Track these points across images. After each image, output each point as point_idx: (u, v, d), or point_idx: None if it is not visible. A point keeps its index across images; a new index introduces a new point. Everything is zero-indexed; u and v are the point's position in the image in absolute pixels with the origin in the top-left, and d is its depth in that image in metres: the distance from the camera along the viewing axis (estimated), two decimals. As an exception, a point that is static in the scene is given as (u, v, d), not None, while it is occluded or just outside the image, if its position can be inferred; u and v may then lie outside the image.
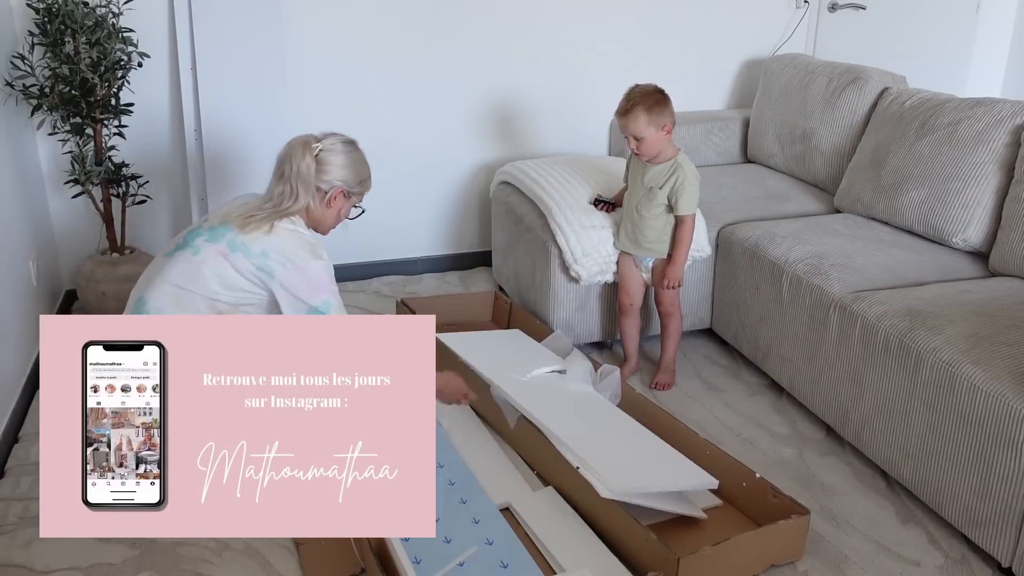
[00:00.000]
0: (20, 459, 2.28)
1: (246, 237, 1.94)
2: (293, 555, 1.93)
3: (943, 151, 2.61)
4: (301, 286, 1.94)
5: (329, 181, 2.02)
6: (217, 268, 1.93)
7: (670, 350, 2.72)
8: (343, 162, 2.04)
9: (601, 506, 1.92)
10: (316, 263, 1.95)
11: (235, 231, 1.95)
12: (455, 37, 3.39)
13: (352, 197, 2.11)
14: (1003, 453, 1.83)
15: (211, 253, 1.93)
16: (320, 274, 1.96)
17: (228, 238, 1.94)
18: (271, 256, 1.93)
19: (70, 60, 2.69)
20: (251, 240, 1.94)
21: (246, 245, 1.94)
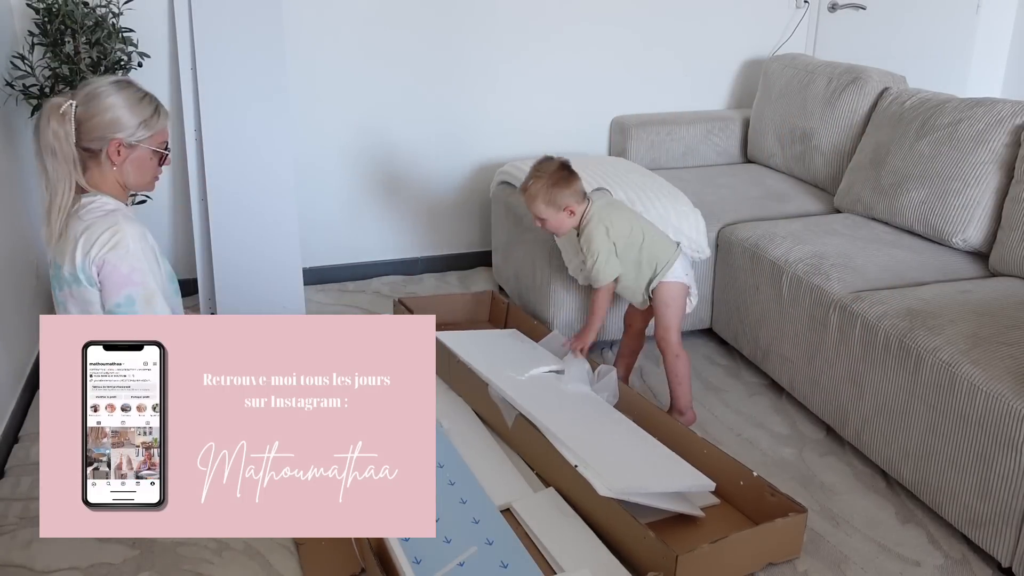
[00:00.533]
0: (20, 459, 2.28)
1: (65, 263, 1.75)
2: (293, 555, 1.93)
3: (943, 151, 2.61)
4: (106, 285, 1.76)
5: (100, 137, 1.75)
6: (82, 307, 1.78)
7: (675, 391, 2.49)
8: (109, 105, 1.75)
9: (600, 505, 1.93)
10: (112, 254, 1.74)
11: (58, 264, 1.77)
12: (455, 37, 3.39)
13: (140, 146, 1.81)
14: (1003, 453, 1.83)
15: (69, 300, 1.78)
16: (117, 267, 1.74)
17: (61, 276, 1.77)
18: (82, 270, 1.74)
19: (70, 60, 2.69)
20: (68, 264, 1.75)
21: (71, 273, 1.75)
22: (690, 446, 2.19)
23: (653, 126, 3.55)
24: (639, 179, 2.94)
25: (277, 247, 3.08)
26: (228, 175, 3.10)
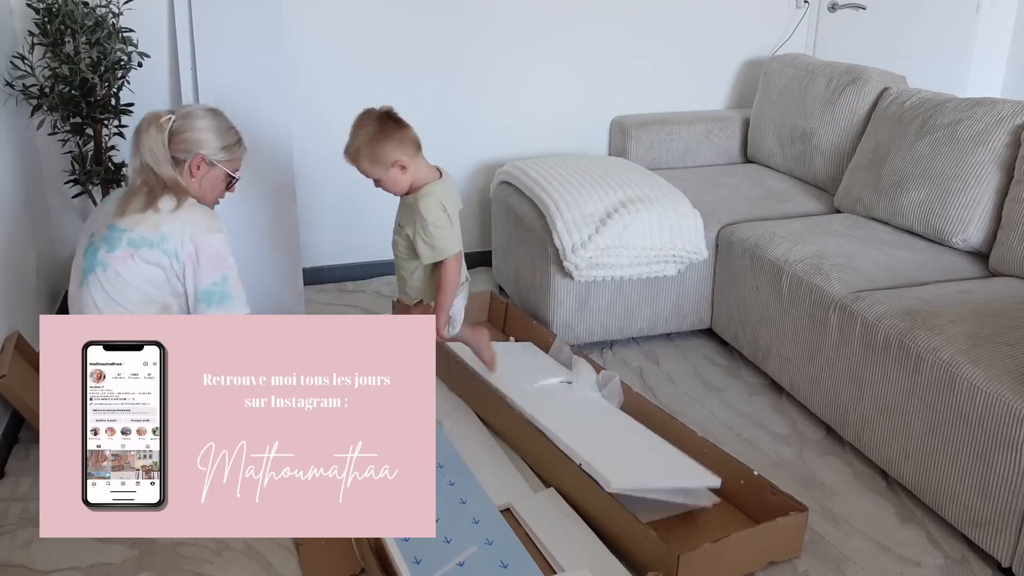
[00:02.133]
0: (20, 459, 2.28)
1: (139, 229, 1.92)
2: (293, 555, 1.93)
3: (943, 151, 2.61)
4: (205, 259, 1.94)
5: (186, 149, 1.99)
6: (134, 271, 1.91)
7: None
8: (200, 126, 2.00)
9: (601, 504, 1.93)
10: (213, 237, 1.95)
11: (124, 228, 1.93)
12: (455, 37, 3.39)
13: (218, 166, 2.05)
14: (1003, 453, 1.83)
15: (119, 261, 1.91)
16: (218, 249, 1.96)
17: (125, 238, 1.92)
18: (170, 240, 1.93)
19: (70, 60, 2.69)
20: (145, 230, 1.92)
21: (144, 237, 1.91)
22: (691, 445, 2.19)
23: (653, 126, 3.55)
24: (639, 179, 2.94)
25: (277, 247, 3.08)
26: (228, 175, 3.10)
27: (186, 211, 1.95)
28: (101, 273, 1.93)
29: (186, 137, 1.98)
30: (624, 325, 2.91)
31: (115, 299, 1.92)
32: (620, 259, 2.73)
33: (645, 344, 3.01)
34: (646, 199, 2.80)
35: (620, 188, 2.85)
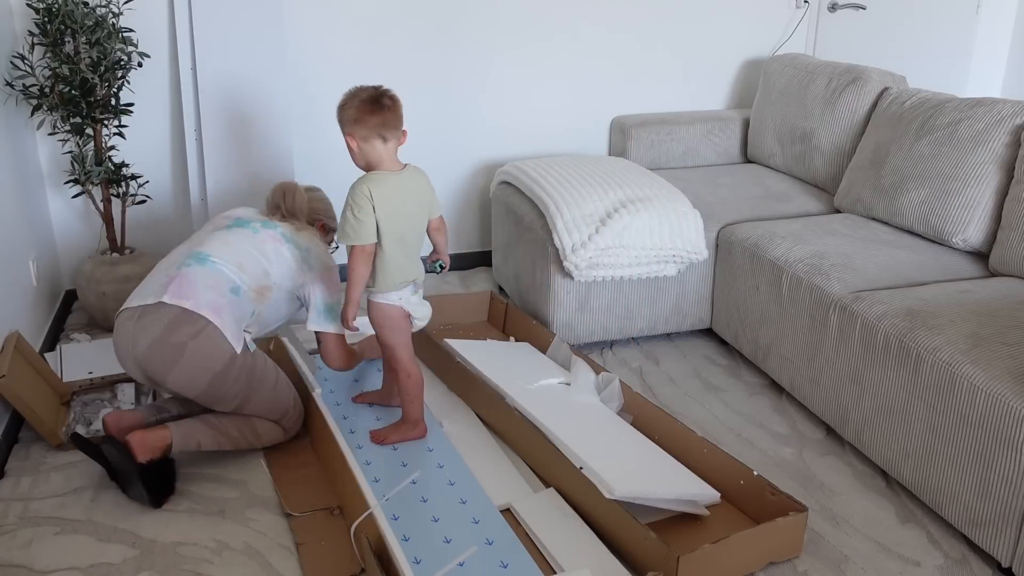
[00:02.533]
0: (20, 459, 2.28)
1: (289, 231, 2.29)
2: (293, 555, 1.93)
3: (943, 151, 2.61)
4: (330, 284, 2.28)
5: (314, 213, 2.45)
6: (277, 248, 2.24)
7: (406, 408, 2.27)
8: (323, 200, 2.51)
9: (601, 505, 1.92)
10: (336, 268, 2.32)
11: (278, 224, 2.30)
12: (455, 37, 3.39)
13: (328, 233, 2.50)
14: (1003, 453, 1.83)
15: (269, 236, 2.26)
16: (338, 279, 2.31)
17: (279, 230, 2.29)
18: (312, 253, 2.28)
19: (70, 60, 2.69)
20: (297, 236, 2.29)
21: (294, 239, 2.28)
22: (691, 445, 2.19)
23: (653, 126, 3.55)
24: (639, 179, 2.94)
25: (277, 247, 3.07)
26: (228, 176, 3.10)
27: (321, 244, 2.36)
28: (251, 233, 2.25)
29: (315, 205, 2.46)
30: (624, 325, 2.91)
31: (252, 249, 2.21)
32: (620, 259, 2.73)
33: (645, 344, 3.01)
34: (646, 199, 2.80)
35: (620, 188, 2.85)
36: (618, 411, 2.41)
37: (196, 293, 2.07)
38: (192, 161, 3.11)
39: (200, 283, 2.09)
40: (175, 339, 2.01)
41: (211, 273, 2.12)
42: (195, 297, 2.06)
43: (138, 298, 2.11)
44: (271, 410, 2.22)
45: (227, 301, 2.10)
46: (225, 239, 2.21)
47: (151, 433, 2.07)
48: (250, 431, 2.21)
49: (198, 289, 2.08)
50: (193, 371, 2.03)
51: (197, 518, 2.06)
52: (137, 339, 2.03)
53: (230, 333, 2.08)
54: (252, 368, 2.14)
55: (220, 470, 2.24)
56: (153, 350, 2.02)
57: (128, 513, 2.07)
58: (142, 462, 2.04)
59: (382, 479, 2.10)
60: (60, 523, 2.03)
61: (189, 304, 2.04)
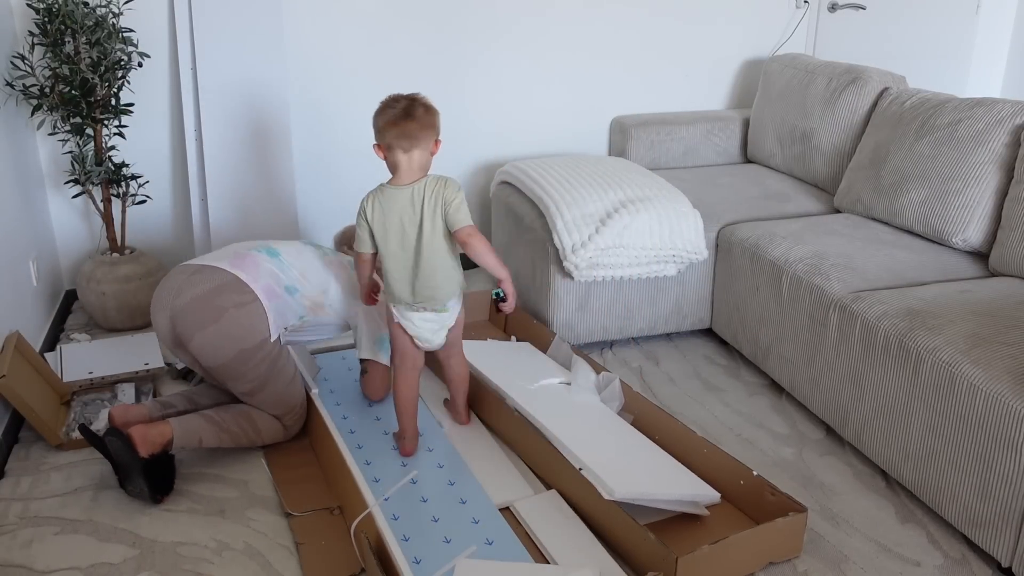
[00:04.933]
0: (20, 459, 2.28)
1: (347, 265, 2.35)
2: (293, 555, 1.93)
3: (943, 151, 2.61)
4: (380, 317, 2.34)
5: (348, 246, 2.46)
6: (340, 274, 2.32)
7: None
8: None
9: (600, 506, 1.92)
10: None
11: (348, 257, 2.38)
12: (455, 37, 3.39)
13: None
14: (1003, 453, 1.83)
15: (336, 262, 2.34)
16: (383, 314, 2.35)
17: (347, 259, 2.38)
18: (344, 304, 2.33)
19: (70, 60, 2.69)
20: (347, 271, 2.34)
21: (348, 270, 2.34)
22: (690, 446, 2.19)
23: (653, 126, 3.55)
24: (639, 179, 2.94)
25: (277, 247, 3.08)
26: (228, 176, 3.10)
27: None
28: (323, 254, 2.35)
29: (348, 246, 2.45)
30: (624, 325, 2.91)
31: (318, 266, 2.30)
32: (620, 259, 2.73)
33: (645, 344, 3.01)
34: (646, 199, 2.80)
35: (620, 188, 2.85)
36: (618, 411, 2.41)
37: (257, 273, 2.16)
38: (192, 161, 3.12)
39: (263, 268, 2.18)
40: (220, 301, 2.07)
41: (276, 266, 2.21)
42: (255, 274, 2.15)
43: (199, 259, 2.19)
44: (279, 403, 2.22)
45: (281, 294, 2.19)
46: (298, 248, 2.31)
47: (153, 428, 2.07)
48: (251, 427, 2.21)
49: (260, 271, 2.17)
50: (223, 339, 2.07)
51: (197, 518, 2.06)
52: (182, 291, 2.09)
53: (272, 320, 2.14)
54: (277, 357, 2.19)
55: (220, 470, 2.24)
56: (194, 305, 2.06)
57: (128, 513, 2.07)
58: (143, 456, 2.04)
59: (382, 479, 2.10)
60: (60, 523, 2.03)
61: (245, 276, 2.12)
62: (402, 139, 1.98)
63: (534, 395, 2.36)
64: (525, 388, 2.39)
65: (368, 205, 2.07)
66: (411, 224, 2.04)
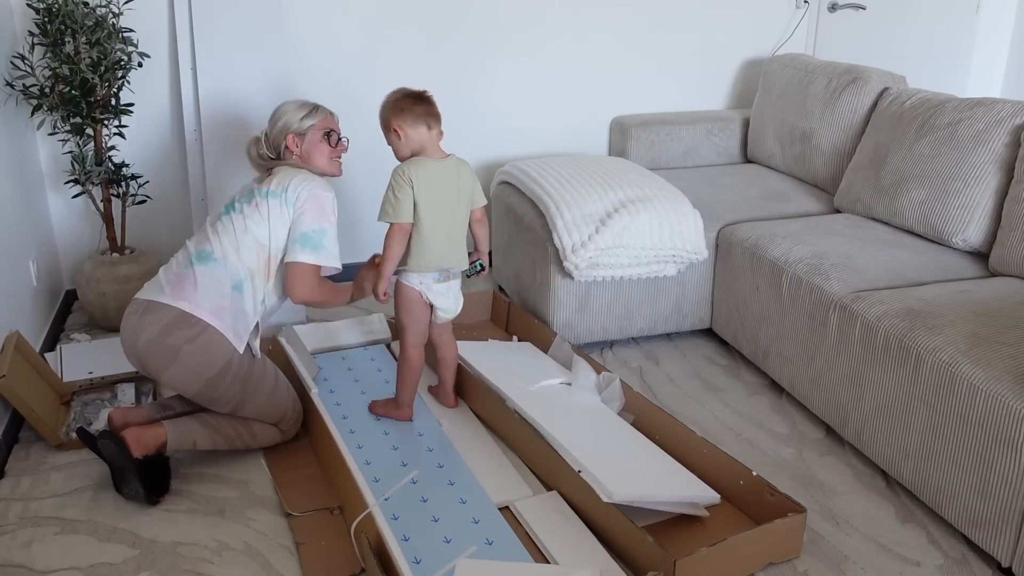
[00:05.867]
0: (20, 459, 2.28)
1: (271, 186, 2.19)
2: (293, 555, 1.93)
3: (943, 151, 2.61)
4: (312, 209, 2.16)
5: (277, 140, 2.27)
6: (259, 214, 2.17)
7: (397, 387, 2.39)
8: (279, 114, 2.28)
9: (600, 507, 1.92)
10: (327, 193, 2.20)
11: (260, 188, 2.21)
12: (455, 37, 3.39)
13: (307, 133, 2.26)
14: (1003, 453, 1.83)
15: (251, 208, 2.18)
16: (326, 204, 2.19)
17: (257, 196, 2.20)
18: (290, 191, 2.17)
19: (70, 60, 2.69)
20: (275, 186, 2.19)
21: (272, 191, 2.18)
22: (690, 446, 2.19)
23: (653, 126, 3.55)
24: (639, 179, 2.94)
25: (277, 247, 3.08)
26: (228, 176, 3.10)
27: (306, 176, 2.22)
28: (236, 214, 2.18)
29: (275, 131, 2.26)
30: (624, 325, 2.91)
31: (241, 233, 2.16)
32: (620, 259, 2.73)
33: (645, 344, 3.01)
34: (646, 199, 2.80)
35: (620, 188, 2.85)
36: (619, 411, 2.41)
37: (197, 295, 2.08)
38: (192, 161, 3.12)
39: (203, 284, 2.09)
40: (171, 341, 2.03)
41: (214, 272, 2.12)
42: (196, 299, 2.07)
43: (145, 291, 2.14)
44: (267, 415, 2.22)
45: (230, 301, 2.11)
46: (219, 231, 2.18)
47: (147, 430, 2.08)
48: (247, 432, 2.21)
49: (200, 290, 2.09)
50: (187, 374, 2.05)
51: (197, 518, 2.06)
52: (137, 334, 2.05)
53: (232, 334, 2.09)
54: (248, 375, 2.15)
55: (220, 470, 2.24)
56: (150, 348, 2.03)
57: (128, 513, 2.07)
58: (137, 457, 2.04)
59: (382, 479, 2.10)
60: (60, 523, 2.03)
61: (188, 307, 2.06)
62: (429, 117, 2.19)
63: (534, 396, 2.36)
64: (525, 389, 2.39)
65: (414, 175, 2.15)
66: (458, 193, 2.23)
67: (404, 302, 2.28)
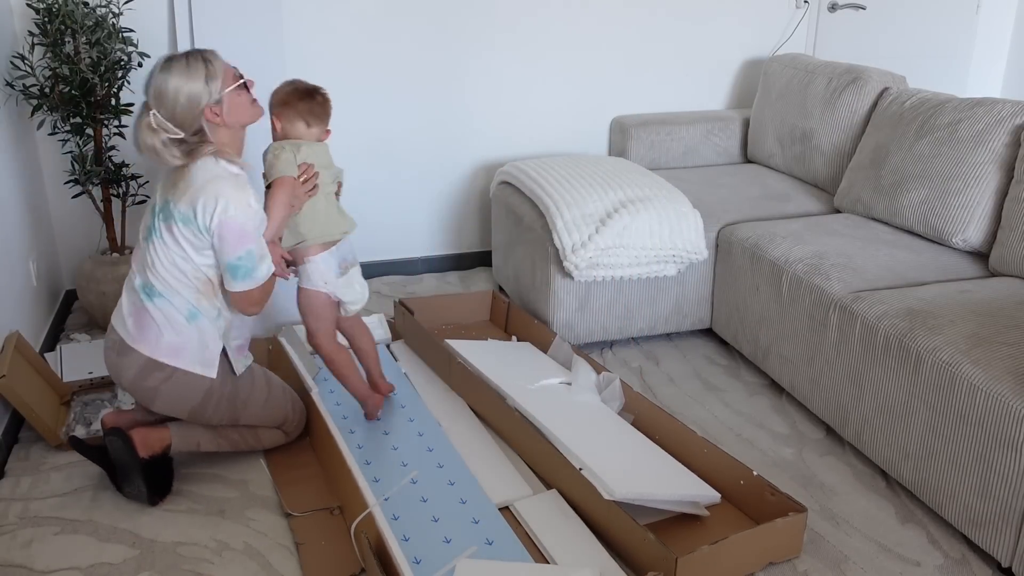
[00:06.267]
0: (20, 459, 2.28)
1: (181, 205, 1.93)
2: (293, 555, 1.93)
3: (943, 151, 2.61)
4: (228, 236, 1.93)
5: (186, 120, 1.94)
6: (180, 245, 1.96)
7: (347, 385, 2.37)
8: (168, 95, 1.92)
9: (601, 506, 1.93)
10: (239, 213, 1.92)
11: (173, 200, 1.95)
12: (455, 37, 3.39)
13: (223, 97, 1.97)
14: (1003, 453, 1.83)
15: (168, 234, 1.96)
16: (242, 225, 1.93)
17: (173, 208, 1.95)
18: (199, 211, 1.91)
19: (70, 60, 2.69)
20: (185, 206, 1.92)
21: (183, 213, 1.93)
22: (690, 446, 2.19)
23: (653, 126, 3.55)
24: (639, 179, 2.94)
25: (277, 247, 3.08)
26: (228, 175, 3.09)
27: (214, 186, 1.92)
28: (156, 240, 1.99)
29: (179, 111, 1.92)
30: (624, 325, 2.91)
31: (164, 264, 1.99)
32: (620, 259, 2.73)
33: (645, 344, 3.01)
34: (646, 199, 2.80)
35: (620, 188, 2.85)
36: (619, 411, 2.41)
37: (154, 337, 1.99)
38: (192, 161, 3.11)
39: (159, 321, 1.99)
40: (149, 383, 2.02)
41: (165, 308, 1.99)
42: (154, 342, 1.99)
43: (115, 319, 2.07)
44: (267, 421, 2.22)
45: (187, 336, 2.01)
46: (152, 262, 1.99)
47: (153, 431, 2.08)
48: (251, 435, 2.21)
49: (155, 332, 1.99)
50: (172, 406, 2.05)
51: (197, 518, 2.06)
52: (120, 375, 2.04)
53: (201, 365, 2.02)
54: (234, 394, 2.11)
55: (220, 470, 2.24)
56: (134, 388, 2.03)
57: (128, 513, 2.07)
58: (143, 457, 2.04)
59: (382, 479, 2.10)
60: (60, 523, 2.03)
61: (148, 351, 1.99)
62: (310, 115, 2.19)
63: (534, 395, 2.36)
64: (525, 388, 2.39)
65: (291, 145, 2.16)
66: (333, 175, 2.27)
67: (311, 307, 2.24)
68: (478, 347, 2.66)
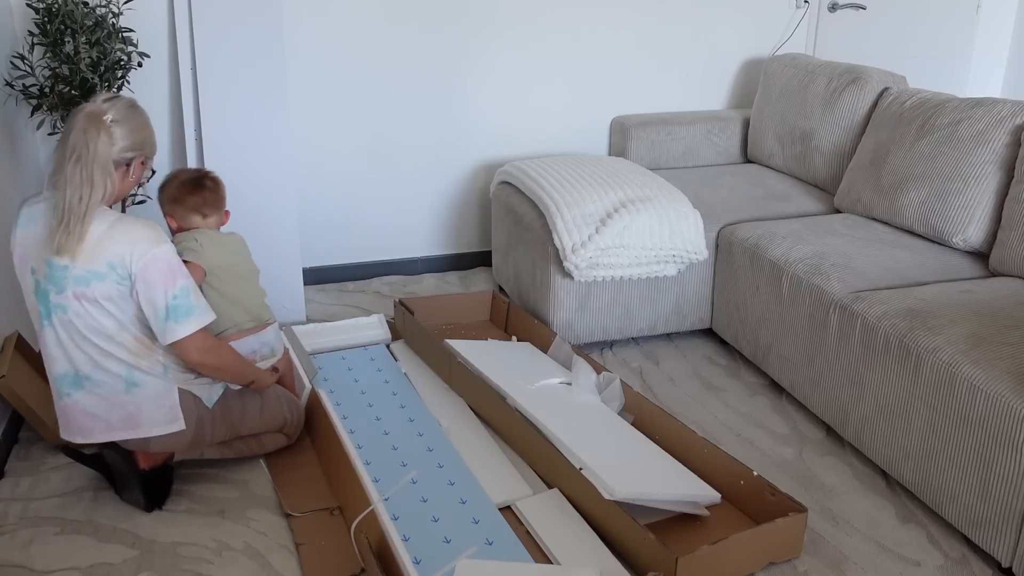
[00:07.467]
0: (20, 459, 2.28)
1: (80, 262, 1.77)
2: (293, 555, 1.93)
3: (943, 151, 2.61)
4: (156, 276, 1.80)
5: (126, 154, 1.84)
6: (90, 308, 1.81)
7: None
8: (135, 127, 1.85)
9: (601, 506, 1.93)
10: (160, 250, 1.81)
11: (65, 265, 1.78)
12: (455, 37, 3.39)
13: (148, 161, 1.94)
14: (1003, 453, 1.83)
15: (72, 301, 1.79)
16: (169, 262, 1.83)
17: (70, 276, 1.78)
18: (118, 267, 1.79)
19: (70, 60, 2.69)
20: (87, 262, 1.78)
21: (90, 270, 1.78)
22: (690, 446, 2.19)
23: (653, 126, 3.55)
24: (639, 179, 2.94)
25: (277, 247, 3.07)
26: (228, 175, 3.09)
27: (123, 230, 1.79)
28: (61, 316, 1.82)
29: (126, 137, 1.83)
30: (624, 325, 2.91)
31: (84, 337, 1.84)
32: (620, 259, 2.73)
33: (645, 344, 3.01)
34: (646, 199, 2.80)
35: (620, 188, 2.85)
36: (619, 411, 2.41)
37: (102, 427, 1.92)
38: (192, 161, 3.11)
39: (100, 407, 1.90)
40: (130, 446, 2.00)
41: (99, 391, 1.88)
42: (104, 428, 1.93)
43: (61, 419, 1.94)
44: (268, 427, 2.21)
45: (136, 406, 1.91)
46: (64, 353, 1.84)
47: None
48: (255, 442, 2.22)
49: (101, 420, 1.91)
50: (167, 448, 2.03)
51: (197, 518, 2.06)
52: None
53: (165, 424, 1.95)
54: (227, 413, 2.08)
55: (220, 470, 2.24)
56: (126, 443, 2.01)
57: (128, 513, 2.07)
58: (144, 468, 2.04)
59: (382, 479, 2.10)
60: (60, 523, 2.03)
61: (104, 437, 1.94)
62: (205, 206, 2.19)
63: (534, 395, 2.36)
64: (525, 388, 2.39)
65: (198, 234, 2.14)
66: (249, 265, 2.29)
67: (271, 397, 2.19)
68: (478, 347, 2.66)
